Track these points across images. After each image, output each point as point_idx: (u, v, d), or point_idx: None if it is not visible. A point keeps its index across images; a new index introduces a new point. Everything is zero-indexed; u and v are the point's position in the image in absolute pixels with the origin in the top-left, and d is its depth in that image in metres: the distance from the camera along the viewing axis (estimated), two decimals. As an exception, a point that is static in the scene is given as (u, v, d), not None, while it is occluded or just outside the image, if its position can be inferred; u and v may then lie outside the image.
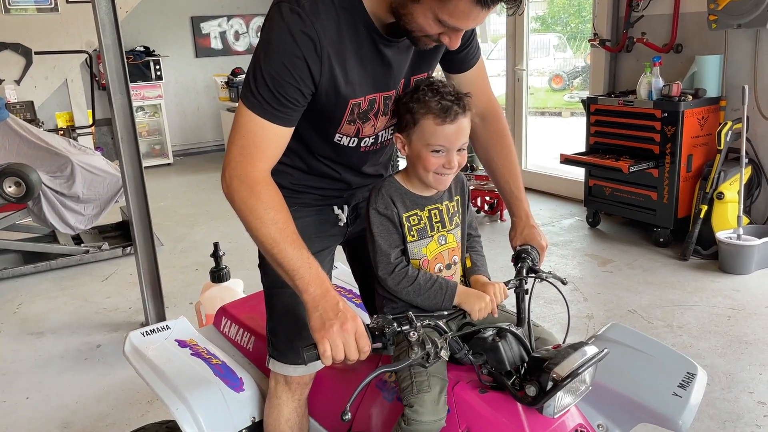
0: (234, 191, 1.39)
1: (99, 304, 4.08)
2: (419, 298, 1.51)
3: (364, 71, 1.44)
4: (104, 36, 3.24)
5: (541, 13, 12.91)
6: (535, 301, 3.60)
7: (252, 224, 1.37)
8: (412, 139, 1.48)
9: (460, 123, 1.45)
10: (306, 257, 1.35)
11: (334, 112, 1.49)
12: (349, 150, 1.61)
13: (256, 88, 1.37)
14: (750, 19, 4.01)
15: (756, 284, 3.86)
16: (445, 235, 1.60)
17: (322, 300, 1.30)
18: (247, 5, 9.05)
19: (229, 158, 1.41)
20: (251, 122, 1.39)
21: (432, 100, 1.43)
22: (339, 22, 1.36)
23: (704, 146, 4.43)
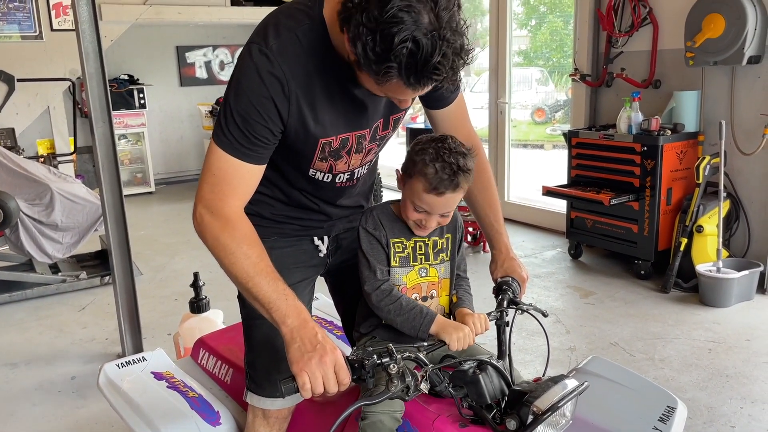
0: (205, 228, 1.39)
1: (75, 335, 4.00)
2: (399, 318, 1.52)
3: (335, 111, 1.44)
4: (88, 64, 3.24)
5: (524, 48, 13.16)
6: (517, 333, 3.59)
7: (225, 260, 1.36)
8: (405, 185, 1.52)
9: (447, 197, 1.47)
10: (282, 289, 1.34)
11: (304, 149, 1.49)
12: (324, 184, 1.61)
13: (226, 127, 1.37)
14: (726, 57, 4.11)
15: (736, 317, 3.89)
16: (426, 268, 1.62)
17: (301, 331, 1.29)
18: (233, 35, 9.12)
19: (200, 195, 1.41)
20: (221, 160, 1.39)
21: (431, 166, 1.44)
22: (307, 63, 1.36)
23: (683, 180, 4.49)
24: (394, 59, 1.15)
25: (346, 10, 1.19)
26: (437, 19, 1.15)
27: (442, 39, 1.15)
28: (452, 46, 1.17)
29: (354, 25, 1.17)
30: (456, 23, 1.18)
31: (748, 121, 4.28)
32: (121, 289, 3.49)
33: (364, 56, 1.17)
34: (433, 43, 1.15)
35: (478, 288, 1.82)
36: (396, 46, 1.14)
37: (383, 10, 1.13)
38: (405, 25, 1.13)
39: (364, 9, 1.15)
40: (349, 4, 1.18)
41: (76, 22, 3.20)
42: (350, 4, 1.18)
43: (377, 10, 1.13)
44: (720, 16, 4.08)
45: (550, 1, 12.07)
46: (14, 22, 6.83)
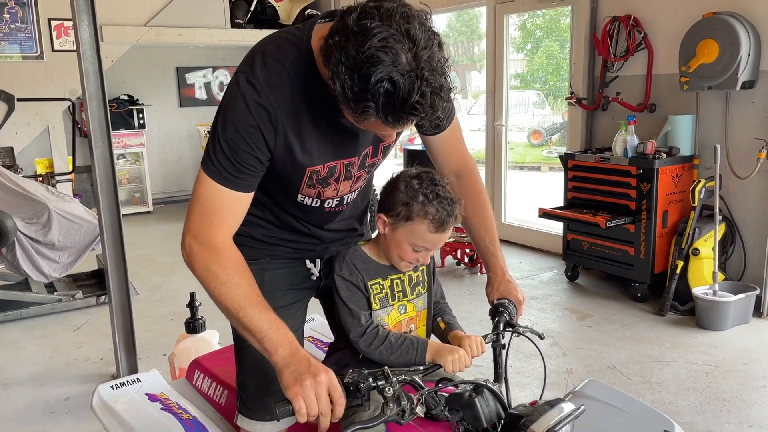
0: (194, 258, 1.38)
1: (69, 355, 3.98)
2: (392, 356, 1.50)
3: (323, 140, 1.44)
4: (88, 85, 3.26)
5: (521, 71, 13.29)
6: (514, 356, 3.58)
7: (216, 290, 1.36)
8: (397, 229, 1.50)
9: (450, 231, 1.51)
10: (273, 319, 1.34)
11: (291, 177, 1.49)
12: (313, 209, 1.61)
13: (214, 156, 1.38)
14: (720, 82, 4.16)
15: (732, 341, 3.88)
16: (405, 305, 1.62)
17: (292, 358, 1.29)
18: (233, 57, 9.20)
19: (189, 225, 1.40)
20: (210, 189, 1.39)
21: (431, 206, 1.46)
22: (294, 93, 1.37)
23: (679, 203, 4.52)
24: (371, 98, 1.15)
25: (327, 47, 1.20)
26: (415, 58, 1.15)
27: (420, 78, 1.15)
28: (431, 86, 1.16)
29: (333, 63, 1.17)
30: (435, 62, 1.17)
31: (743, 145, 4.32)
32: (117, 309, 3.48)
33: (343, 94, 1.17)
34: (410, 83, 1.14)
35: (474, 310, 1.82)
36: (373, 86, 1.13)
37: (361, 50, 1.13)
38: (383, 65, 1.13)
39: (342, 48, 1.15)
40: (329, 41, 1.19)
41: (77, 43, 3.23)
42: (331, 42, 1.18)
43: (355, 50, 1.13)
44: (714, 41, 4.14)
45: (546, 26, 12.24)
46: (15, 42, 6.88)
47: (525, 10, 6.45)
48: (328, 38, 1.20)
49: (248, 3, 8.18)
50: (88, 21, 3.23)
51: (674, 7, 4.61)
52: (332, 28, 1.20)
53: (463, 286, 5.05)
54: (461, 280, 5.24)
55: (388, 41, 1.13)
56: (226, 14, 8.04)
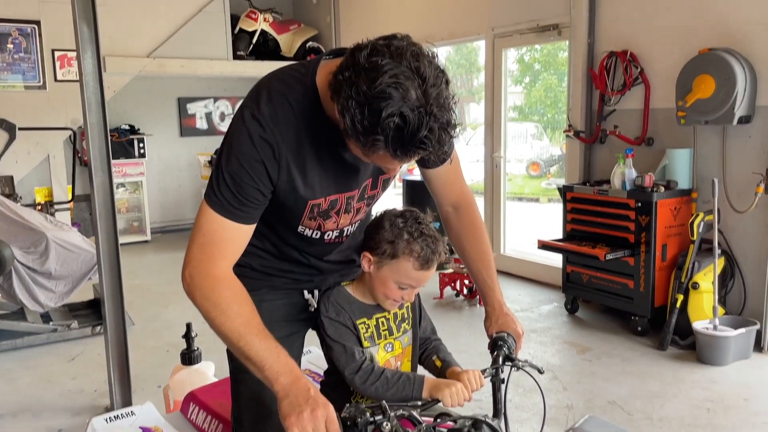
0: (195, 288, 1.39)
1: (63, 386, 3.93)
2: (389, 393, 1.49)
3: (325, 174, 1.47)
4: (90, 115, 3.28)
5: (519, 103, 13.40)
6: (513, 390, 3.54)
7: (216, 320, 1.36)
8: (383, 267, 1.53)
9: (434, 268, 1.54)
10: (273, 347, 1.34)
11: (293, 210, 1.51)
12: (314, 240, 1.62)
13: (217, 188, 1.40)
14: (716, 117, 4.19)
15: (733, 376, 3.84)
16: (392, 343, 1.64)
17: (293, 388, 1.29)
18: (234, 88, 9.28)
19: (189, 257, 1.42)
20: (211, 221, 1.41)
21: (415, 243, 1.49)
22: (298, 128, 1.39)
23: (678, 236, 4.51)
24: (381, 132, 1.18)
25: (336, 83, 1.22)
26: (424, 95, 1.18)
27: (428, 114, 1.18)
28: (439, 121, 1.20)
29: (344, 97, 1.19)
30: (443, 99, 1.21)
31: (741, 179, 4.34)
32: (113, 340, 3.44)
33: (353, 128, 1.20)
34: (419, 118, 1.18)
35: (473, 342, 1.81)
36: (383, 120, 1.17)
37: (372, 86, 1.16)
38: (393, 101, 1.16)
39: (353, 83, 1.18)
40: (339, 76, 1.22)
41: (80, 73, 3.26)
42: (340, 77, 1.21)
43: (366, 85, 1.17)
44: (710, 77, 4.18)
45: (544, 60, 12.38)
46: (19, 72, 6.95)
47: (523, 45, 6.54)
48: (337, 74, 1.23)
49: (250, 35, 8.29)
50: (91, 52, 3.26)
51: (670, 43, 4.68)
52: (342, 64, 1.23)
53: (462, 318, 5.02)
54: (460, 312, 5.21)
55: (398, 78, 1.17)
56: (228, 46, 8.15)
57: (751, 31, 4.20)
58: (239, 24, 8.21)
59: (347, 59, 1.23)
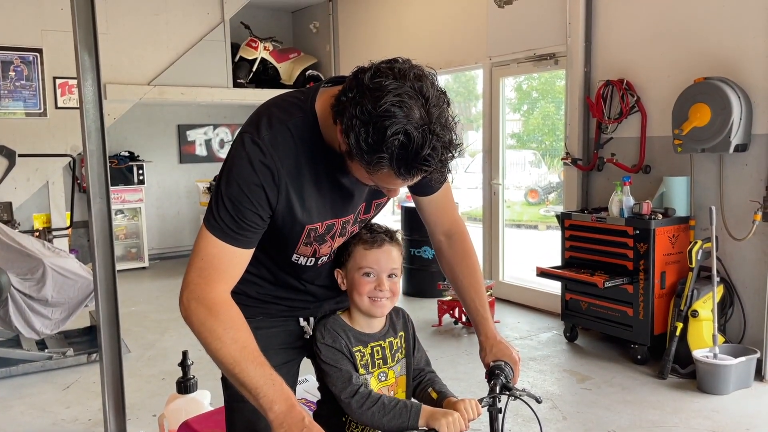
0: (192, 313, 1.39)
1: (57, 415, 3.88)
2: (385, 419, 1.48)
3: (323, 199, 1.49)
4: (89, 142, 3.29)
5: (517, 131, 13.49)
6: (513, 419, 3.50)
7: (212, 345, 1.36)
8: (348, 269, 1.60)
9: (388, 249, 1.58)
10: (269, 374, 1.33)
11: (290, 235, 1.52)
12: (307, 268, 1.63)
13: (217, 212, 1.41)
14: (713, 145, 4.22)
15: (734, 406, 3.81)
16: (386, 372, 1.64)
17: (287, 417, 1.28)
18: (234, 115, 9.35)
19: (187, 281, 1.42)
20: (211, 245, 1.41)
21: (362, 231, 1.60)
22: (297, 153, 1.41)
23: (676, 264, 4.51)
24: (386, 150, 1.21)
25: (339, 104, 1.26)
26: (428, 114, 1.22)
27: (432, 133, 1.21)
28: (441, 140, 1.23)
29: (348, 117, 1.22)
30: (445, 119, 1.25)
31: (738, 206, 4.35)
32: (108, 368, 3.40)
33: (357, 147, 1.22)
34: (423, 137, 1.20)
35: (472, 371, 1.80)
36: (388, 138, 1.19)
37: (377, 105, 1.20)
38: (397, 119, 1.19)
39: (358, 103, 1.21)
40: (343, 98, 1.25)
41: (80, 101, 3.28)
42: (344, 98, 1.25)
43: (371, 104, 1.20)
44: (706, 105, 4.22)
45: (542, 88, 12.50)
46: (20, 99, 7.00)
47: (520, 73, 6.60)
48: (340, 95, 1.27)
49: (250, 63, 8.37)
50: (92, 80, 3.29)
51: (666, 72, 4.73)
52: (345, 86, 1.27)
53: (461, 346, 4.98)
54: (459, 340, 5.17)
55: (402, 97, 1.20)
56: (229, 74, 8.22)
57: (746, 60, 4.25)
58: (239, 52, 8.30)
59: (351, 81, 1.26)
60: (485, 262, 6.48)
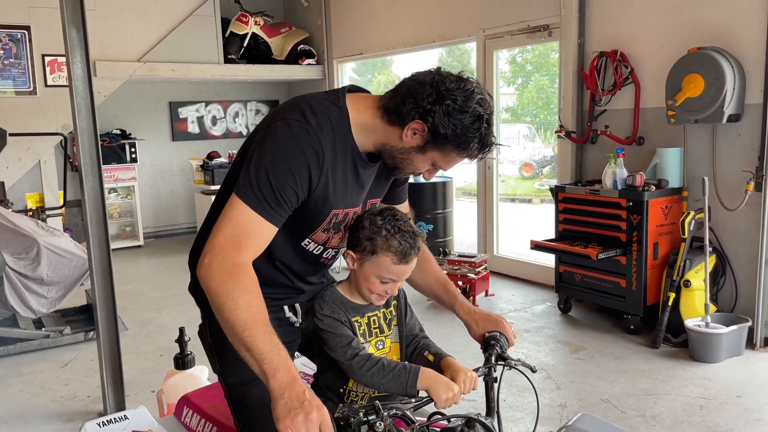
0: (212, 274, 1.42)
1: (56, 392, 3.91)
2: (384, 379, 1.51)
3: (346, 187, 1.63)
4: (80, 120, 3.27)
5: (511, 105, 13.44)
6: (507, 390, 3.55)
7: (226, 305, 1.38)
8: (364, 264, 1.59)
9: (414, 262, 1.60)
10: (276, 344, 1.36)
11: (316, 218, 1.63)
12: (311, 257, 1.73)
13: (257, 187, 1.48)
14: (706, 115, 4.22)
15: (726, 373, 3.87)
16: (383, 340, 1.68)
17: (289, 388, 1.29)
18: (226, 92, 9.27)
19: (213, 244, 1.46)
20: (245, 214, 1.48)
21: (393, 239, 1.56)
22: (335, 143, 1.56)
23: (669, 235, 4.54)
24: (477, 133, 1.53)
25: (420, 108, 1.50)
26: (490, 106, 1.55)
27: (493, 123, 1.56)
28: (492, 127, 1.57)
29: (441, 114, 1.49)
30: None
31: (731, 177, 4.36)
32: (105, 345, 3.43)
33: (454, 134, 1.51)
34: (492, 124, 1.56)
35: (467, 343, 1.83)
36: (481, 124, 1.52)
37: (468, 101, 1.51)
38: (485, 109, 1.53)
39: (452, 100, 1.49)
40: (424, 103, 1.50)
41: (69, 79, 3.25)
42: (426, 104, 1.50)
43: (462, 100, 1.50)
44: (699, 76, 4.21)
45: (536, 60, 12.42)
46: (9, 78, 6.92)
47: (514, 46, 6.56)
48: (419, 101, 1.51)
49: (241, 39, 8.28)
50: (81, 57, 3.26)
51: (660, 43, 4.71)
52: (422, 92, 1.51)
53: (455, 319, 4.99)
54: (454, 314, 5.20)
55: (483, 95, 1.55)
56: (219, 49, 8.14)
57: (739, 30, 4.23)
58: (230, 27, 8.21)
59: (428, 88, 1.51)
60: (480, 236, 6.50)
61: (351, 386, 1.65)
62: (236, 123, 9.46)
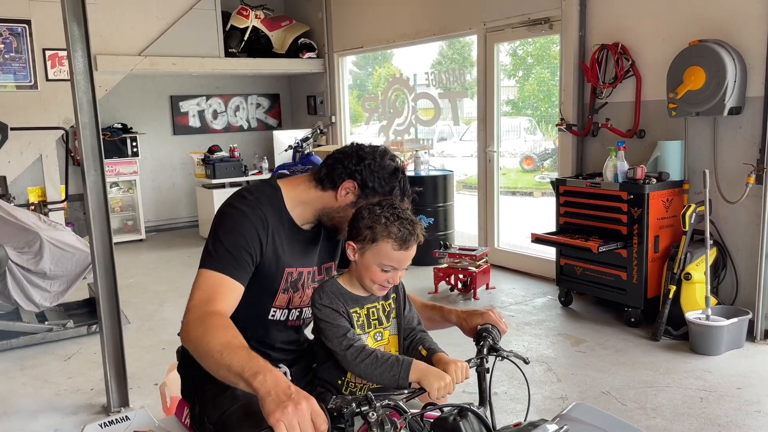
0: (189, 328, 1.55)
1: (59, 386, 3.93)
2: (377, 370, 1.52)
3: (293, 250, 1.84)
4: (81, 114, 3.28)
5: (512, 97, 13.42)
6: (509, 382, 3.57)
7: (203, 340, 1.49)
8: (365, 252, 1.62)
9: (413, 249, 1.63)
10: (254, 355, 1.41)
11: (273, 279, 1.80)
12: (279, 325, 1.88)
13: (215, 252, 1.68)
14: (707, 108, 4.21)
15: (726, 365, 3.88)
16: (381, 332, 1.70)
17: (274, 386, 1.30)
18: (226, 85, 9.27)
19: (187, 309, 1.61)
20: (211, 278, 1.65)
21: (393, 225, 1.60)
22: (273, 213, 1.79)
23: (670, 228, 4.54)
24: (397, 181, 1.83)
25: (348, 170, 1.79)
26: (401, 161, 1.90)
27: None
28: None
29: (366, 170, 1.79)
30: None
31: (732, 170, 4.36)
32: (108, 339, 3.45)
33: (380, 185, 1.79)
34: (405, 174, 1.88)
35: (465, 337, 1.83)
36: (399, 175, 1.84)
37: (385, 160, 1.83)
38: (398, 165, 1.84)
39: (372, 161, 1.80)
40: (350, 166, 1.80)
41: (71, 72, 3.26)
42: (351, 166, 1.79)
43: (381, 160, 1.81)
44: (700, 68, 4.20)
45: (537, 53, 12.39)
46: (10, 72, 6.93)
47: (514, 39, 6.55)
48: (340, 164, 1.81)
49: (242, 32, 8.27)
50: (82, 51, 3.26)
51: (661, 35, 4.70)
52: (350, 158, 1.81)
53: (456, 313, 5.03)
54: (455, 306, 5.21)
55: (394, 156, 1.87)
56: (220, 43, 8.13)
57: (741, 23, 4.22)
58: (230, 21, 8.20)
59: (350, 156, 1.81)
60: (480, 229, 6.51)
61: (349, 377, 1.66)
62: (237, 117, 9.46)
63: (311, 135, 7.94)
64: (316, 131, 8.12)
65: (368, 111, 8.72)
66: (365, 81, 13.02)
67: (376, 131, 8.47)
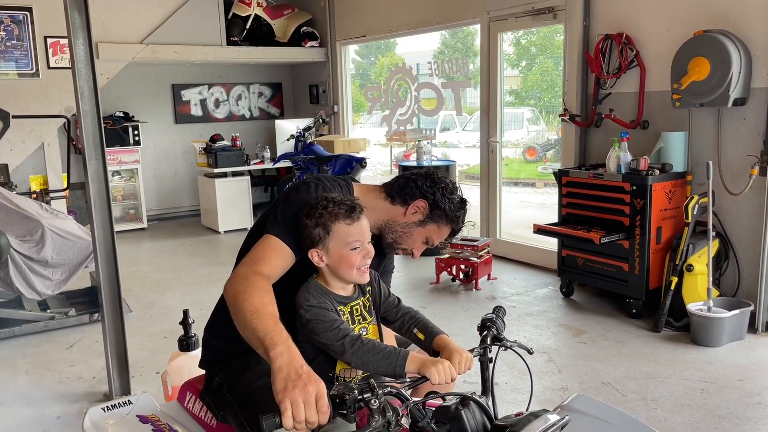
0: (237, 276, 1.62)
1: (61, 373, 3.95)
2: (374, 358, 1.53)
3: None
4: (83, 102, 3.27)
5: (515, 88, 13.37)
6: (509, 372, 3.58)
7: (240, 297, 1.55)
8: (329, 246, 1.64)
9: (363, 220, 1.66)
10: (280, 327, 1.45)
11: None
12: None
13: (281, 219, 1.74)
14: (711, 99, 4.19)
15: (727, 357, 3.88)
16: (366, 327, 1.72)
17: (288, 363, 1.34)
18: (228, 74, 9.24)
19: (242, 262, 1.68)
20: (269, 241, 1.71)
21: (333, 208, 1.63)
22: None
23: (673, 219, 4.53)
24: (461, 211, 1.92)
25: (421, 190, 1.88)
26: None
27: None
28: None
29: (440, 194, 1.88)
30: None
31: (735, 161, 4.35)
32: (110, 327, 3.46)
33: (449, 209, 1.88)
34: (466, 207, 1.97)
35: (469, 327, 1.85)
36: (464, 204, 1.93)
37: (453, 190, 1.92)
38: (461, 195, 1.95)
39: (443, 189, 1.89)
40: (424, 187, 1.88)
41: (72, 60, 3.24)
42: (425, 187, 1.88)
43: (451, 189, 1.91)
44: (705, 59, 4.18)
45: (541, 43, 12.33)
46: (11, 60, 6.90)
47: (518, 28, 6.51)
48: (424, 183, 1.90)
49: (244, 21, 8.23)
50: (83, 39, 3.25)
51: (666, 26, 4.67)
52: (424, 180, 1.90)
53: (458, 303, 5.04)
54: (456, 297, 5.23)
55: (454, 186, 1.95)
56: (222, 31, 8.09)
57: (746, 13, 4.19)
58: (232, 9, 8.15)
59: (424, 181, 1.90)
60: (483, 220, 6.50)
61: (339, 372, 1.67)
62: (239, 106, 9.44)
63: (313, 124, 7.91)
64: (319, 120, 8.10)
65: (371, 100, 8.69)
66: (368, 70, 12.97)
67: (378, 121, 8.46)
